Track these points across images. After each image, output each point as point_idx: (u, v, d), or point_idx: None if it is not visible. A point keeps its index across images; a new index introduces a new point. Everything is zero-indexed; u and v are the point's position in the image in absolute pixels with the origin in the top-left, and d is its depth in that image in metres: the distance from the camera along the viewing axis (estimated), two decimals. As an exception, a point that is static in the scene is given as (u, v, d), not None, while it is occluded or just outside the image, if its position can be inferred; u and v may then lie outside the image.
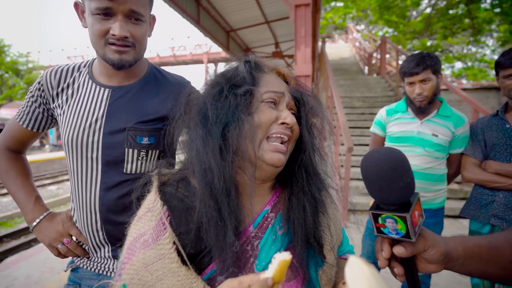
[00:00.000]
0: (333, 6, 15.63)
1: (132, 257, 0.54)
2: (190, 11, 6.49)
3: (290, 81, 0.67)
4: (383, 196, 0.51)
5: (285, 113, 0.59)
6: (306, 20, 4.40)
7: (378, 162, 0.50)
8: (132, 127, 0.90)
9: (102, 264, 0.95)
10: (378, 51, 9.46)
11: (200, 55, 16.23)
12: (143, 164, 0.93)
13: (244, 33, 9.12)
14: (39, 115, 0.99)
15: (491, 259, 0.56)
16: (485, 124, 1.57)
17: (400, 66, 1.65)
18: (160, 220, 0.54)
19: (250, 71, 0.62)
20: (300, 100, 0.65)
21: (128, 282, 0.54)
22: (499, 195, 1.46)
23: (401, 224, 0.50)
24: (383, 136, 1.81)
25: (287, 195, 0.61)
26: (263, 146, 0.57)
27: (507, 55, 1.43)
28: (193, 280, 0.50)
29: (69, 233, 0.96)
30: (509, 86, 1.45)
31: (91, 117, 0.89)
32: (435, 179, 1.61)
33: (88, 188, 0.91)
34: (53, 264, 3.07)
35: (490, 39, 16.71)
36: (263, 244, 0.57)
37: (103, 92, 0.92)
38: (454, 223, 3.73)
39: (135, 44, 0.87)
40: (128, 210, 0.92)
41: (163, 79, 1.00)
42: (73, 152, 0.91)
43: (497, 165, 1.47)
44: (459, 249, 0.55)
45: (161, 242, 0.52)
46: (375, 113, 6.22)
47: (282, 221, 0.60)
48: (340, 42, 20.34)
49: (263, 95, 0.59)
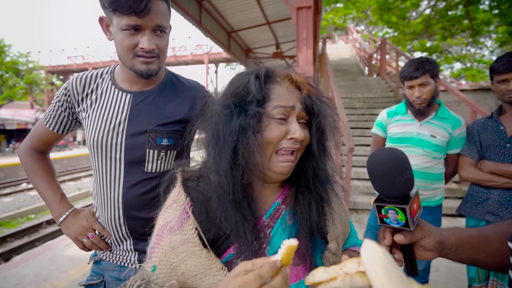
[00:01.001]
0: (333, 7, 15.70)
1: (161, 242, 0.62)
2: (192, 12, 6.55)
3: (303, 88, 0.65)
4: (386, 190, 0.58)
5: (294, 127, 0.61)
6: (307, 22, 4.46)
7: (382, 160, 0.58)
8: (153, 129, 0.97)
9: (124, 257, 1.02)
10: (378, 52, 9.52)
11: (201, 56, 16.28)
12: (162, 164, 1.00)
13: (245, 34, 9.18)
14: (65, 118, 1.06)
15: (480, 248, 0.63)
16: (481, 126, 1.65)
17: (400, 70, 1.73)
18: (184, 209, 0.62)
19: (260, 86, 0.61)
20: (312, 108, 0.65)
21: (157, 263, 0.61)
22: (493, 193, 1.53)
23: (401, 215, 0.57)
24: (384, 137, 1.89)
25: (294, 192, 0.68)
26: (272, 159, 0.62)
27: (501, 61, 1.51)
28: (213, 261, 0.58)
29: (93, 228, 1.03)
30: (503, 91, 1.52)
31: (114, 120, 0.96)
32: (433, 178, 1.69)
33: (112, 186, 0.98)
34: (60, 262, 3.13)
35: (488, 40, 16.82)
36: (274, 232, 0.65)
37: (125, 97, 0.99)
38: (453, 221, 3.81)
39: (159, 55, 0.93)
40: (149, 206, 0.99)
41: (179, 84, 1.07)
42: (98, 153, 0.98)
43: (492, 165, 1.54)
44: (452, 238, 0.62)
45: (185, 228, 0.60)
46: (375, 114, 6.30)
47: (290, 214, 0.67)
48: (340, 43, 20.41)
49: (273, 110, 0.61)
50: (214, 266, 0.58)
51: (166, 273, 0.60)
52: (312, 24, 4.52)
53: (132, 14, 0.84)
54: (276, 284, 0.43)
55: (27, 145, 1.11)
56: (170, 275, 0.60)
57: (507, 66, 1.48)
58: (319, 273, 0.49)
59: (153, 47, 0.90)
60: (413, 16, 14.25)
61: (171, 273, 0.60)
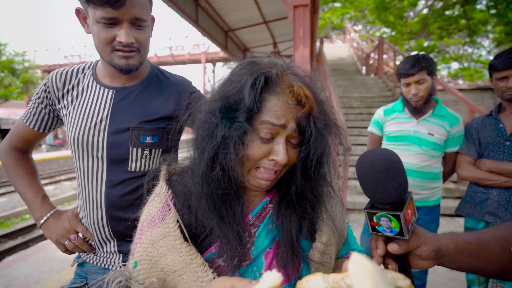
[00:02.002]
0: (331, 6, 15.70)
1: (142, 236, 0.60)
2: (189, 11, 6.50)
3: (306, 104, 0.56)
4: (378, 196, 0.53)
5: (279, 149, 0.55)
6: (304, 20, 4.43)
7: (373, 163, 0.52)
8: (136, 127, 0.92)
9: (108, 259, 0.98)
10: (375, 51, 9.52)
11: (198, 55, 16.23)
12: (147, 162, 0.95)
13: (242, 33, 9.14)
14: (45, 116, 1.01)
15: (479, 255, 0.59)
16: (480, 124, 1.61)
17: (396, 67, 1.69)
18: (165, 202, 0.60)
19: (254, 97, 0.54)
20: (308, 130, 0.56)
21: (138, 259, 0.59)
22: (492, 192, 1.50)
23: (395, 222, 0.52)
24: (381, 136, 1.85)
25: (279, 198, 0.63)
26: (251, 173, 0.58)
27: (500, 58, 1.47)
28: (193, 256, 0.55)
29: (76, 230, 0.99)
30: (502, 88, 1.49)
31: (96, 117, 0.92)
32: (431, 177, 1.65)
33: (94, 186, 0.94)
34: (52, 263, 3.07)
35: (485, 40, 16.89)
36: (260, 232, 0.61)
37: (107, 93, 0.94)
38: (451, 221, 3.79)
39: (139, 49, 0.89)
40: (133, 207, 0.95)
41: (165, 79, 1.03)
42: (79, 151, 0.94)
43: (491, 163, 1.51)
44: (449, 245, 0.58)
45: (167, 221, 0.58)
46: (372, 113, 6.23)
47: (274, 217, 0.63)
48: (338, 42, 20.43)
49: (260, 125, 0.54)
50: (195, 261, 0.55)
51: (146, 268, 0.58)
52: (309, 22, 4.48)
53: (106, 6, 0.79)
54: None
55: (7, 144, 1.06)
56: (150, 271, 0.58)
57: (506, 63, 1.44)
58: (316, 281, 0.43)
59: (132, 41, 0.85)
60: (411, 15, 14.27)
61: (151, 268, 0.58)
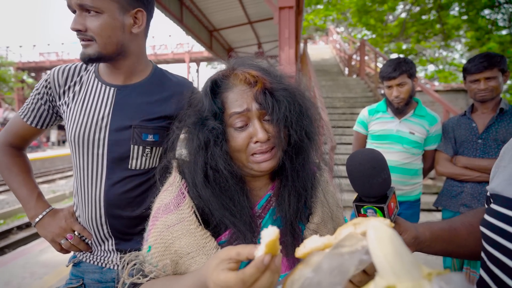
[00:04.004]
0: (314, 8, 15.98)
1: (156, 222, 0.63)
2: (173, 10, 6.43)
3: (256, 83, 0.61)
4: (365, 190, 0.60)
5: (256, 130, 0.60)
6: (290, 22, 4.52)
7: (361, 162, 0.60)
8: (138, 125, 0.93)
9: (106, 258, 0.99)
10: (357, 53, 9.80)
11: (182, 54, 16.00)
12: (147, 161, 0.97)
13: (227, 33, 9.14)
14: (44, 112, 1.00)
15: (451, 240, 0.68)
16: (455, 123, 1.74)
17: (380, 70, 1.79)
18: (180, 190, 0.64)
19: (210, 102, 0.61)
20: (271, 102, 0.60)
21: (153, 243, 0.62)
22: (466, 186, 1.62)
23: (379, 213, 0.59)
24: (366, 134, 1.95)
25: (278, 185, 0.69)
26: (249, 162, 0.62)
27: (472, 62, 1.60)
28: (207, 240, 0.59)
29: (72, 228, 0.98)
30: (474, 90, 1.62)
31: (97, 114, 0.92)
32: (412, 173, 1.76)
33: (93, 184, 0.94)
34: (34, 268, 2.97)
35: (458, 44, 17.80)
36: (265, 222, 0.67)
37: (108, 90, 0.95)
38: (429, 216, 3.99)
39: (94, 38, 0.86)
40: (132, 205, 0.96)
41: (166, 79, 1.04)
42: (79, 149, 0.94)
43: (465, 160, 1.63)
44: (426, 233, 0.66)
45: (181, 208, 0.61)
46: (355, 113, 6.47)
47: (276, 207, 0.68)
48: (320, 44, 20.81)
49: (230, 119, 0.61)
50: (208, 245, 0.59)
51: (160, 251, 0.61)
52: (294, 24, 4.58)
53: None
54: (264, 283, 0.41)
55: (1, 140, 1.04)
56: (164, 254, 0.61)
57: (478, 67, 1.57)
58: (312, 240, 0.44)
59: (77, 27, 0.85)
60: (390, 19, 14.80)
61: (165, 251, 0.61)
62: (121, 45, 0.91)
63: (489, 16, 9.80)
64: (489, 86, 1.56)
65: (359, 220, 0.43)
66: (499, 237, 0.51)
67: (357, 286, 0.49)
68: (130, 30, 0.92)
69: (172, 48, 16.18)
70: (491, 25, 9.77)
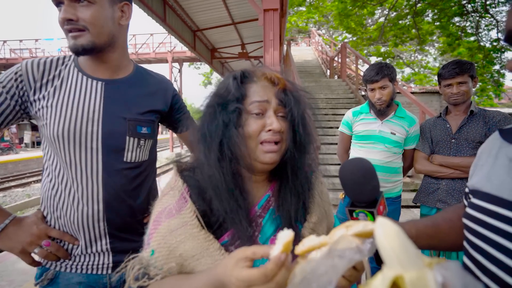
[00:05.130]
0: (296, 10, 16.23)
1: (159, 227, 0.64)
2: (156, 9, 6.33)
3: (278, 83, 0.69)
4: (357, 197, 0.66)
5: (271, 120, 0.65)
6: (274, 24, 4.59)
7: (352, 171, 0.66)
8: (132, 118, 0.95)
9: (96, 261, 0.93)
10: (339, 55, 10.06)
11: (165, 54, 15.69)
12: (140, 153, 0.99)
13: (210, 33, 9.10)
14: (8, 108, 0.88)
15: (434, 235, 0.74)
16: (431, 124, 1.87)
17: (363, 74, 1.90)
18: (181, 195, 0.65)
19: (238, 86, 0.67)
20: (288, 101, 0.68)
21: (156, 247, 0.63)
22: (442, 183, 1.75)
23: (370, 216, 0.65)
24: (350, 135, 2.05)
25: (278, 186, 0.73)
26: (257, 150, 0.66)
27: (446, 68, 1.73)
28: (210, 242, 0.62)
29: (48, 234, 0.89)
30: (448, 94, 1.75)
31: (87, 108, 0.90)
32: (393, 171, 1.88)
33: (89, 178, 0.90)
34: (12, 276, 2.84)
35: (432, 48, 18.71)
36: (265, 221, 0.70)
37: (95, 84, 0.93)
38: (407, 212, 4.20)
39: (87, 27, 0.85)
40: (128, 198, 0.96)
41: (149, 76, 1.08)
42: (69, 144, 0.89)
43: (441, 158, 1.76)
44: (412, 230, 0.73)
45: (184, 212, 0.63)
46: (337, 114, 6.65)
47: (275, 206, 0.72)
48: (303, 45, 21.14)
49: (250, 106, 0.66)
50: (212, 246, 0.61)
51: (164, 255, 0.62)
52: (279, 26, 4.66)
53: None
54: (281, 279, 0.45)
55: None
56: (168, 257, 0.62)
57: (451, 73, 1.70)
58: (310, 239, 0.49)
59: (69, 17, 0.83)
60: (369, 23, 15.31)
61: (169, 255, 0.62)
62: (112, 36, 0.92)
63: (459, 24, 10.42)
64: (460, 91, 1.70)
65: (350, 223, 0.48)
66: (479, 227, 0.57)
67: (347, 279, 0.56)
68: (118, 22, 0.94)
69: (154, 47, 15.84)
70: (461, 31, 10.39)
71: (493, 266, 0.53)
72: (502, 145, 0.60)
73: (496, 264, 0.52)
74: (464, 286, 0.32)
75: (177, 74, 16.82)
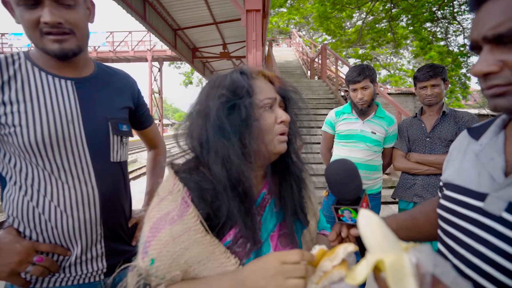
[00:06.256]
0: (277, 11, 16.41)
1: (158, 234, 0.60)
2: (136, 6, 6.19)
3: (274, 81, 0.75)
4: (341, 195, 0.71)
5: (280, 113, 0.70)
6: (256, 24, 4.63)
7: (337, 172, 0.71)
8: (113, 116, 0.94)
9: (90, 268, 0.90)
10: (319, 56, 10.28)
11: (144, 52, 15.27)
12: (123, 151, 0.98)
13: (191, 32, 8.99)
14: None
15: (412, 228, 0.81)
16: (408, 124, 1.99)
17: (346, 75, 1.98)
18: (182, 199, 0.62)
19: (248, 81, 0.68)
20: (285, 96, 0.75)
21: (156, 255, 0.59)
22: (418, 178, 1.87)
23: (354, 213, 0.69)
24: (333, 134, 2.12)
25: (278, 179, 0.76)
26: (274, 142, 0.69)
27: (421, 71, 1.85)
28: (215, 246, 0.61)
29: (37, 249, 0.82)
30: (423, 95, 1.87)
31: (63, 110, 0.84)
32: (374, 169, 1.97)
33: (83, 183, 0.86)
34: None
35: (406, 52, 19.59)
36: (264, 219, 0.71)
37: (64, 84, 0.87)
38: (386, 208, 4.40)
39: (73, 31, 0.82)
40: (120, 198, 0.96)
41: (112, 71, 1.04)
42: (53, 150, 0.82)
43: (417, 156, 1.88)
44: (392, 224, 0.79)
45: (186, 217, 0.60)
46: (318, 114, 6.81)
47: (276, 201, 0.74)
48: (283, 46, 21.38)
49: (262, 101, 0.68)
50: (217, 250, 0.61)
51: (166, 264, 0.59)
52: (261, 26, 4.71)
53: None
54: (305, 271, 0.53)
55: None
56: (171, 266, 0.59)
57: (425, 76, 1.82)
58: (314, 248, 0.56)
59: (58, 20, 0.78)
60: (348, 26, 15.78)
61: (172, 263, 0.59)
62: (88, 36, 0.92)
63: (430, 29, 11.02)
64: (434, 92, 1.82)
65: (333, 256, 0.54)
66: (451, 216, 0.63)
67: None
68: (88, 21, 0.92)
69: (133, 45, 15.37)
70: (432, 36, 10.98)
71: (462, 249, 0.59)
72: (470, 142, 0.66)
73: (464, 248, 0.58)
74: (434, 265, 0.37)
75: (157, 73, 16.44)
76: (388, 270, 0.39)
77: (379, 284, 0.42)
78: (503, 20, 0.47)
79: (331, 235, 0.74)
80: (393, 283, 0.37)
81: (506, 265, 0.50)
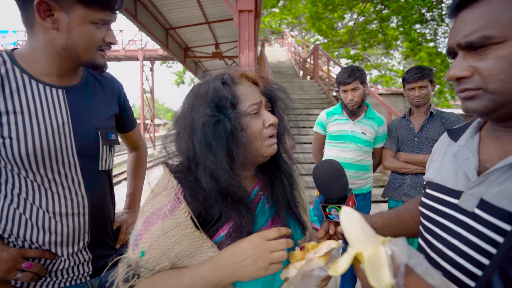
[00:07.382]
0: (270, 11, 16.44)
1: (150, 228, 0.63)
2: (127, 5, 6.11)
3: (258, 82, 0.73)
4: (328, 194, 0.74)
5: (268, 116, 0.70)
6: (249, 25, 4.64)
7: (324, 172, 0.74)
8: (102, 126, 0.94)
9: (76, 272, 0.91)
10: (311, 57, 10.35)
11: (135, 51, 15.08)
12: (110, 160, 0.99)
13: (183, 31, 8.93)
14: None
15: (397, 224, 0.85)
16: (397, 124, 2.03)
17: (336, 77, 2.01)
18: (175, 195, 0.65)
19: (230, 90, 0.67)
20: (271, 97, 0.74)
21: (146, 248, 0.62)
22: (406, 178, 1.91)
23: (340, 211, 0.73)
24: (324, 135, 2.15)
25: (269, 177, 0.77)
26: (263, 146, 0.70)
27: (410, 73, 1.89)
28: (203, 240, 0.64)
29: (24, 255, 0.81)
30: (411, 96, 1.92)
31: (55, 121, 0.84)
32: (365, 169, 2.01)
33: (73, 192, 0.88)
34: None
35: (397, 52, 19.91)
36: (257, 214, 0.73)
37: (55, 93, 0.86)
38: (376, 207, 4.46)
39: None
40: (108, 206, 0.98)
41: (100, 77, 1.03)
42: (44, 162, 0.82)
43: (406, 155, 1.92)
44: (378, 222, 0.82)
45: (177, 212, 0.63)
46: (310, 114, 6.87)
47: (268, 197, 0.76)
48: (276, 46, 21.45)
49: (248, 109, 0.67)
50: (205, 244, 0.64)
51: (157, 256, 0.62)
52: (253, 27, 4.72)
53: (107, 9, 0.83)
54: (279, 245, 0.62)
55: None
56: (161, 258, 0.62)
57: (414, 78, 1.87)
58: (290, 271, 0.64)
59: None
60: (339, 26, 15.93)
61: (162, 256, 0.62)
62: None
63: (420, 30, 11.23)
64: (422, 94, 1.87)
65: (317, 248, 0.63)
66: (431, 213, 0.67)
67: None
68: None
69: (124, 44, 15.16)
70: (421, 38, 11.19)
71: (439, 243, 0.62)
72: (449, 143, 0.70)
73: (441, 242, 0.62)
74: (409, 256, 0.40)
75: (148, 72, 16.27)
76: (366, 262, 0.42)
77: (359, 275, 0.45)
78: (475, 29, 0.51)
79: (320, 232, 0.77)
80: (370, 273, 0.41)
81: (477, 258, 0.53)
